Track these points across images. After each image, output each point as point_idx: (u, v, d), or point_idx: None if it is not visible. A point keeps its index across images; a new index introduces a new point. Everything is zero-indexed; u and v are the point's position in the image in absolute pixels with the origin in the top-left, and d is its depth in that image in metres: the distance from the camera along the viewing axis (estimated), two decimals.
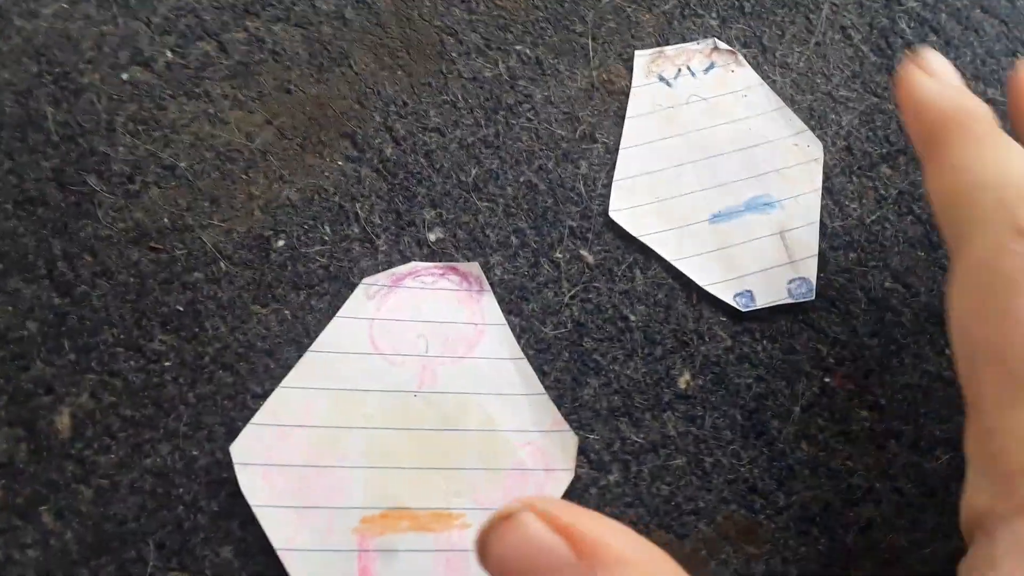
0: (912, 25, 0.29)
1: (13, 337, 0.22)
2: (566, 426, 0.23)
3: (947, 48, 0.29)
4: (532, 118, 0.26)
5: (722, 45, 0.28)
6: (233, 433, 0.21)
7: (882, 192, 0.27)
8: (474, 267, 0.24)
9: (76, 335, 0.22)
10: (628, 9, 0.28)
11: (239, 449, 0.21)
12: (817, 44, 0.29)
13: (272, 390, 0.22)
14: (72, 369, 0.22)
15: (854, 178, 0.27)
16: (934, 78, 0.22)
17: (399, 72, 0.27)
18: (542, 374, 0.23)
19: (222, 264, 0.23)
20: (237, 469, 0.21)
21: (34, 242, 0.23)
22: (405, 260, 0.24)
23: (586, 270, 0.25)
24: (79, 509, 0.21)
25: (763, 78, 0.28)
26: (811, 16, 0.29)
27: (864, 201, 0.27)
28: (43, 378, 0.21)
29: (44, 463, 0.21)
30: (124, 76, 0.25)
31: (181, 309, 0.23)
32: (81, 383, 0.22)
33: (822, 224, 0.26)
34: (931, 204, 0.20)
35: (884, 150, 0.27)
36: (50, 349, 0.22)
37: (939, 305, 0.26)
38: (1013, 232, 0.17)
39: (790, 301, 0.24)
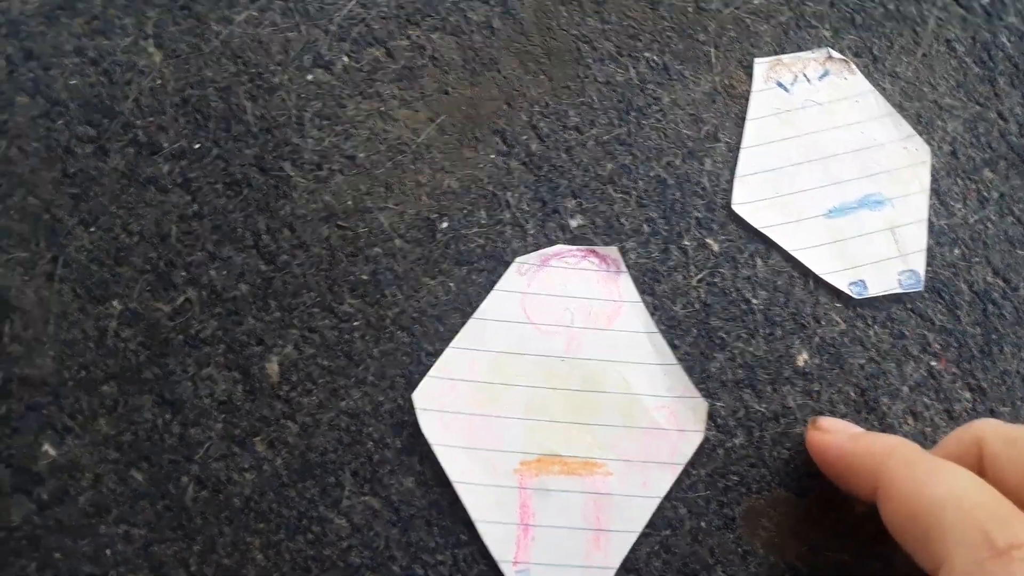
0: (1012, 39, 0.32)
1: (228, 297, 0.26)
2: (697, 393, 0.26)
3: None
4: (660, 119, 0.29)
5: (835, 54, 0.30)
6: (411, 384, 0.25)
7: (984, 194, 0.29)
8: (612, 251, 0.27)
9: (280, 296, 0.26)
10: (747, 20, 0.31)
11: (419, 396, 0.25)
12: (924, 55, 0.31)
13: (442, 349, 0.25)
14: (278, 324, 0.25)
15: (959, 180, 0.29)
16: (837, 433, 0.23)
17: (541, 76, 0.30)
18: (673, 347, 0.26)
19: (397, 241, 0.27)
20: (418, 413, 0.24)
21: (242, 218, 0.27)
22: (550, 243, 0.27)
23: (711, 257, 0.28)
24: (287, 441, 0.24)
25: (874, 85, 0.30)
26: (918, 29, 0.31)
27: (968, 202, 0.29)
28: (254, 331, 0.25)
29: (257, 402, 0.25)
30: (309, 77, 0.29)
31: (366, 278, 0.26)
32: (286, 336, 0.25)
33: (929, 222, 0.28)
34: (895, 537, 0.20)
35: (987, 155, 0.29)
36: (259, 307, 0.26)
37: None
38: (989, 551, 0.17)
39: (900, 291, 0.27)
